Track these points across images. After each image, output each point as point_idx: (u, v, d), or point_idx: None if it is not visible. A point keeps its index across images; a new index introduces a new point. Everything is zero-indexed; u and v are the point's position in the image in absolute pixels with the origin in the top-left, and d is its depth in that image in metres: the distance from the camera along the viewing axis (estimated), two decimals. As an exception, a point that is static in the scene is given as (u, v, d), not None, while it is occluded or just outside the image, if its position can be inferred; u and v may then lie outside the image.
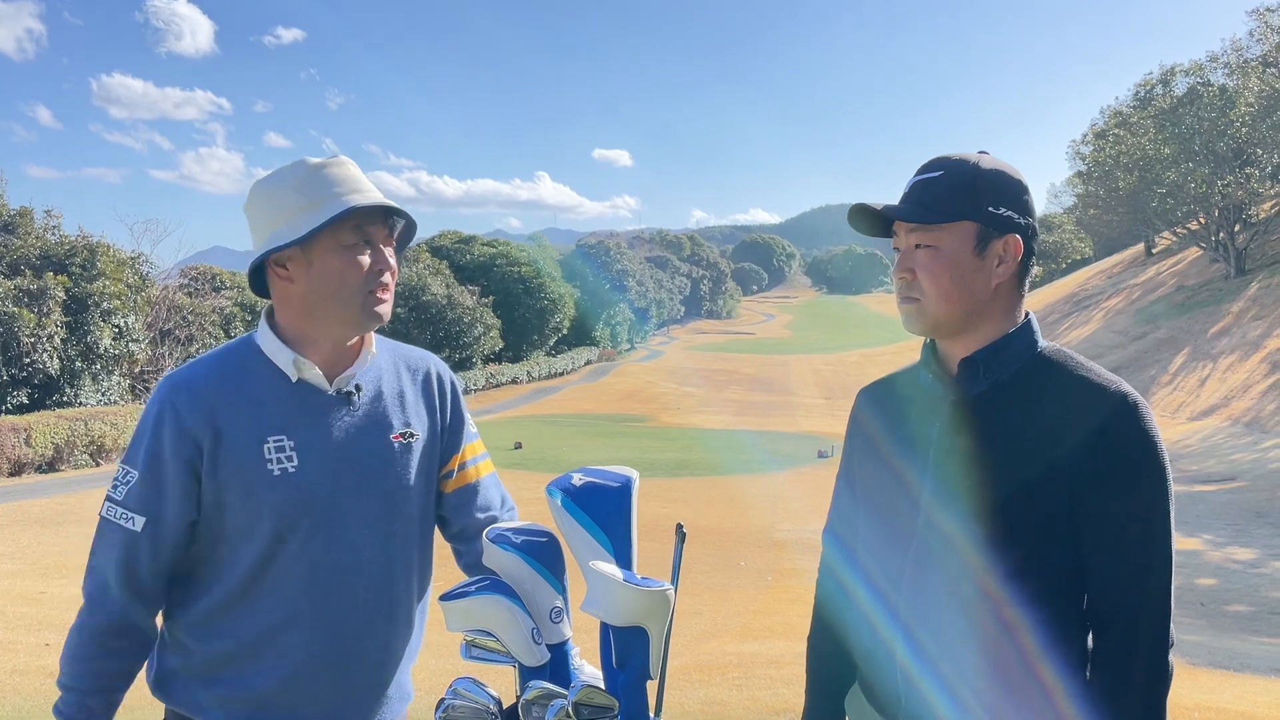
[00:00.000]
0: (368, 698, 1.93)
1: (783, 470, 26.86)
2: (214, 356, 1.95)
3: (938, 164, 1.72)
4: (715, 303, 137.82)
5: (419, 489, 1.99)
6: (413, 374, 2.05)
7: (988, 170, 1.69)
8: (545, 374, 65.19)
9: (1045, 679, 1.63)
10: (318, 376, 1.90)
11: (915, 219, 1.69)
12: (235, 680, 1.85)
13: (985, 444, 1.67)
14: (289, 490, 1.83)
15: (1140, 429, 1.59)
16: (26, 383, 28.21)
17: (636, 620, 1.55)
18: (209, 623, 1.87)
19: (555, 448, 30.00)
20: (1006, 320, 1.72)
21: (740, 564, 14.44)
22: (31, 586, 10.74)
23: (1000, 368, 1.70)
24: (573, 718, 1.49)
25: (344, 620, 1.87)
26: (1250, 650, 9.82)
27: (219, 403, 1.84)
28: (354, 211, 1.83)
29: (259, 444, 1.83)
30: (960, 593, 1.66)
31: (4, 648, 7.64)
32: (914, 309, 1.72)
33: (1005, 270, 1.69)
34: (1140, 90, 52.17)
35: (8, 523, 16.07)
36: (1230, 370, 35.49)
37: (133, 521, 1.82)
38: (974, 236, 1.67)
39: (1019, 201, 1.70)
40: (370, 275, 1.86)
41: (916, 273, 1.70)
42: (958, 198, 1.67)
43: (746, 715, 5.55)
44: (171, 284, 41.05)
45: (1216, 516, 19.56)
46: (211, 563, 1.87)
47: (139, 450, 1.85)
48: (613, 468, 1.74)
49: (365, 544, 1.89)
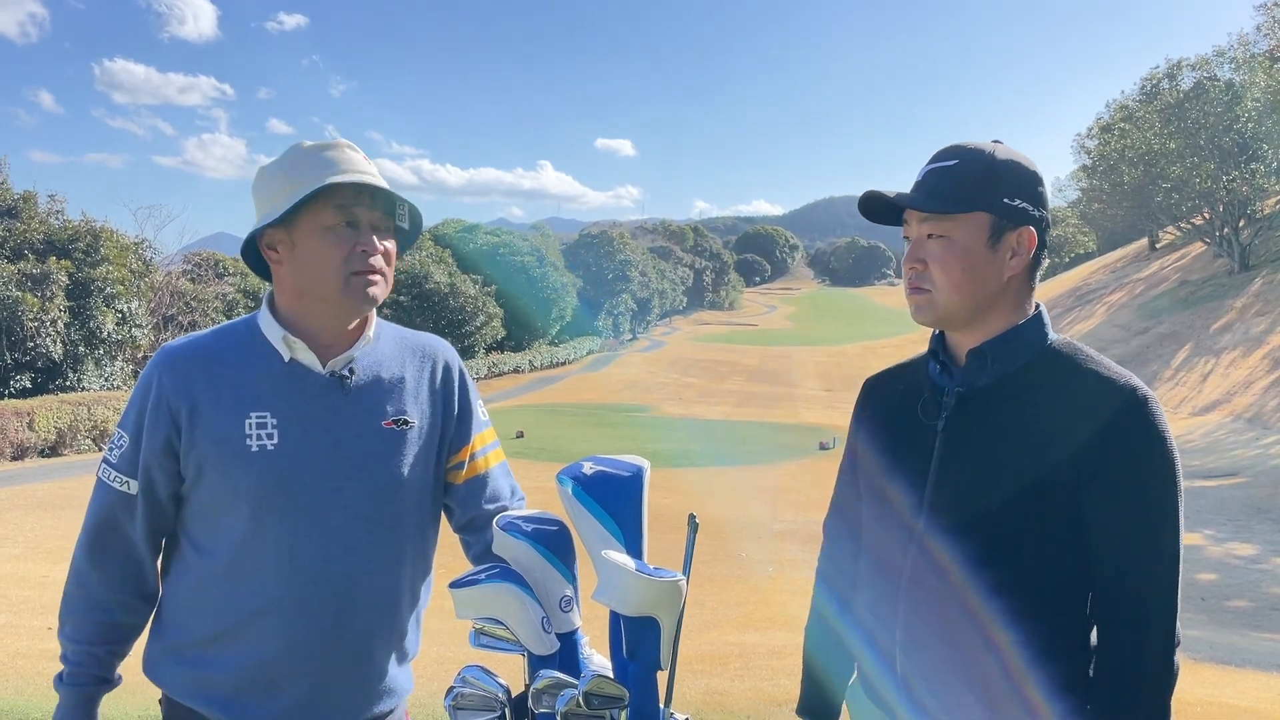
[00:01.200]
0: (350, 689, 1.89)
1: (784, 461, 26.87)
2: (214, 331, 1.96)
3: (952, 152, 1.70)
4: (718, 294, 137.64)
5: (413, 479, 1.94)
6: (419, 361, 2.02)
7: (1003, 160, 1.67)
8: (547, 363, 65.16)
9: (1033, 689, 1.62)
10: (310, 357, 1.89)
11: (929, 208, 1.67)
12: (215, 663, 1.84)
13: (992, 436, 1.66)
14: (266, 467, 1.81)
15: (1150, 423, 1.58)
16: (29, 367, 28.24)
17: (648, 610, 1.54)
18: (193, 602, 1.87)
19: (557, 437, 30.00)
20: (1017, 312, 1.71)
21: (741, 554, 14.46)
22: (34, 570, 10.76)
23: (1009, 359, 1.68)
24: (583, 707, 1.48)
25: (322, 608, 1.83)
26: (1251, 646, 9.83)
27: (204, 376, 1.85)
28: (332, 190, 1.81)
29: (240, 419, 1.82)
30: (960, 591, 1.64)
31: (7, 631, 7.66)
32: (924, 300, 1.70)
33: (1018, 263, 1.67)
34: (1146, 84, 51.93)
35: (10, 507, 16.10)
36: (1233, 366, 35.45)
37: (127, 485, 1.85)
38: (988, 228, 1.65)
39: (1034, 193, 1.68)
40: (353, 257, 1.83)
41: (928, 263, 1.68)
42: (973, 188, 1.65)
43: (748, 705, 5.56)
44: (175, 270, 41.08)
45: (1218, 512, 19.56)
46: (195, 539, 1.87)
47: (129, 418, 1.88)
48: (624, 457, 1.73)
49: (347, 531, 1.86)
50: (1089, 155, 59.18)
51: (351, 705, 1.90)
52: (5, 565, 11.11)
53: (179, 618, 1.88)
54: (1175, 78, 49.93)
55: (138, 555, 1.88)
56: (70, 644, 1.88)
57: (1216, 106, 43.86)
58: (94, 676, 1.87)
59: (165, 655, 1.89)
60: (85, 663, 1.86)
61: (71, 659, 1.87)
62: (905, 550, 1.73)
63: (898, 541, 1.75)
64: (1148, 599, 1.58)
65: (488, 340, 55.99)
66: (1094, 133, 58.44)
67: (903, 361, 1.94)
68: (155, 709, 1.95)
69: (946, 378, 1.75)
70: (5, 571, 10.63)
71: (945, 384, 1.74)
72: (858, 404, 1.96)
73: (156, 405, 1.83)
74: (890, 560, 1.76)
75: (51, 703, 5.54)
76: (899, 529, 1.75)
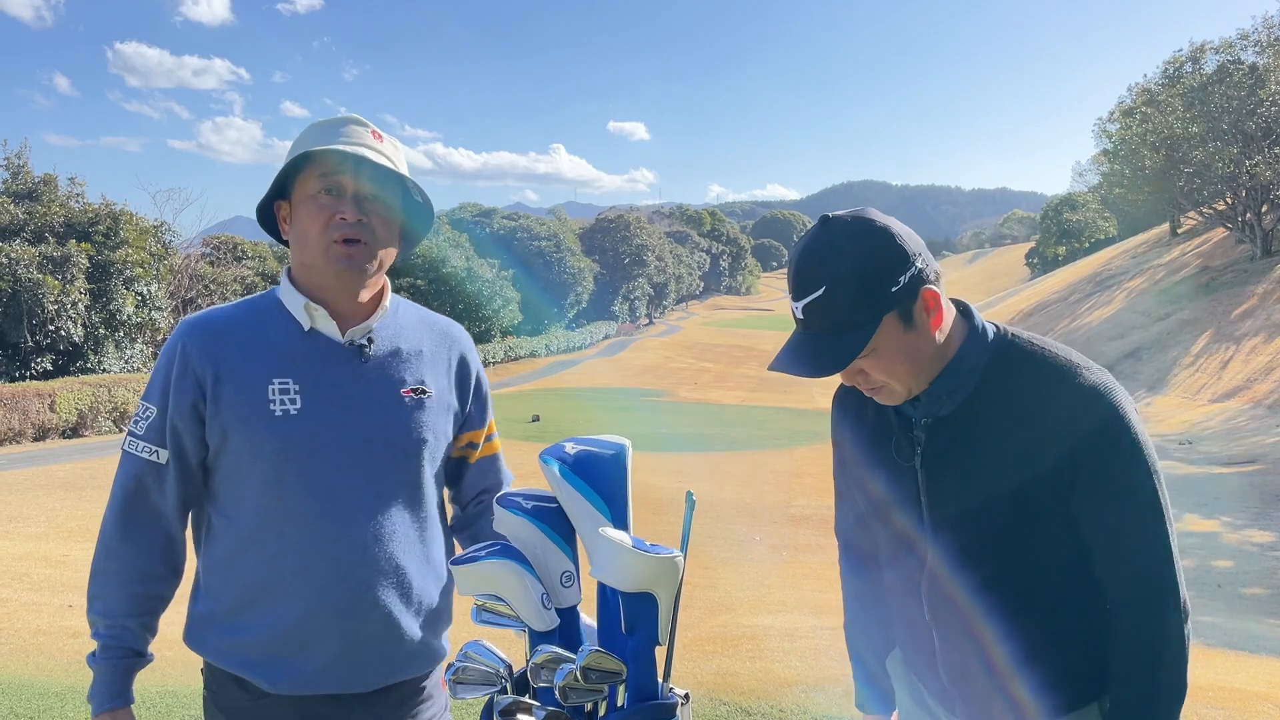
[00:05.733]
0: (384, 651, 1.93)
1: (799, 446, 26.82)
2: (236, 303, 2.01)
3: (810, 277, 1.60)
4: (734, 279, 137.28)
5: (432, 446, 2.00)
6: (437, 338, 2.07)
7: (863, 258, 1.58)
8: (564, 348, 65.24)
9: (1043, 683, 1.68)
10: (330, 326, 1.93)
11: (842, 364, 1.62)
12: (248, 627, 1.88)
13: (970, 462, 1.68)
14: (289, 431, 1.86)
15: (1114, 414, 1.60)
16: (51, 349, 28.49)
17: (645, 586, 1.56)
18: (224, 570, 1.91)
19: (573, 421, 30.04)
20: (955, 338, 1.70)
21: (755, 539, 14.47)
22: (55, 549, 10.89)
23: (964, 381, 1.68)
24: (581, 682, 1.50)
25: (347, 570, 1.87)
26: (1267, 633, 9.79)
27: (227, 344, 1.89)
28: (316, 159, 1.86)
29: (264, 385, 1.87)
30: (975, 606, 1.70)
31: (29, 609, 7.77)
32: (884, 395, 1.71)
33: (938, 318, 1.65)
34: (1169, 67, 51.29)
35: (32, 487, 16.28)
36: (1254, 353, 35.10)
37: (156, 454, 1.89)
38: (897, 321, 1.61)
39: (903, 258, 1.59)
40: (333, 225, 1.86)
41: (868, 373, 1.67)
42: (860, 307, 1.58)
43: (759, 687, 5.58)
44: (194, 253, 41.35)
45: (1236, 499, 19.42)
46: (221, 507, 1.92)
47: (154, 387, 1.91)
48: (605, 436, 1.75)
49: (368, 494, 1.90)
50: (1110, 139, 58.53)
51: (383, 667, 1.94)
52: (27, 544, 11.25)
53: (213, 586, 1.93)
54: (1198, 61, 49.30)
55: (166, 525, 1.92)
56: (102, 619, 1.90)
57: (1240, 90, 43.29)
58: (128, 650, 1.90)
59: (203, 623, 1.94)
60: (118, 636, 1.89)
61: (104, 634, 1.89)
62: (919, 577, 1.79)
63: (909, 569, 1.81)
64: (1148, 578, 1.61)
65: (504, 324, 56.09)
66: (1115, 117, 57.78)
67: None
68: (192, 682, 1.98)
69: (911, 406, 1.75)
70: (27, 550, 10.77)
71: (911, 413, 1.76)
72: (834, 413, 1.98)
73: (182, 373, 1.87)
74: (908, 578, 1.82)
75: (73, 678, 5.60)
76: (909, 560, 1.81)
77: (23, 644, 6.49)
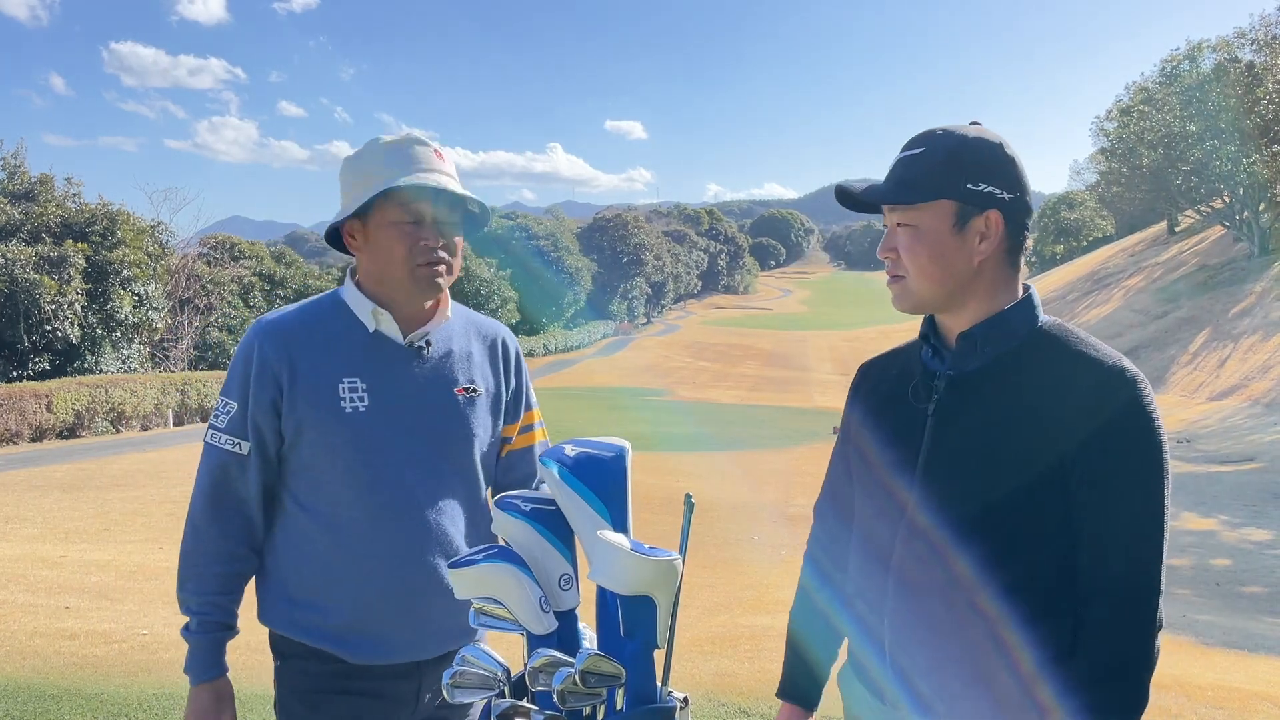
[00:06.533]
0: (446, 624, 2.07)
1: (798, 445, 26.85)
2: (301, 305, 2.17)
3: (921, 139, 1.70)
4: (732, 278, 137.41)
5: (480, 441, 2.17)
6: (483, 339, 2.25)
7: (972, 145, 1.66)
8: (562, 347, 65.31)
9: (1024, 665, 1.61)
10: (393, 329, 2.09)
11: (891, 199, 1.68)
12: (324, 607, 2.05)
13: (982, 420, 1.66)
14: (360, 427, 2.02)
15: (1138, 404, 1.58)
16: (48, 349, 28.47)
17: (644, 589, 1.54)
18: (299, 552, 2.07)
19: (572, 420, 30.03)
20: (1001, 295, 1.70)
21: (754, 538, 14.47)
22: (52, 551, 10.88)
23: (998, 342, 1.68)
24: (580, 686, 1.49)
25: (418, 553, 2.05)
26: (1265, 631, 9.79)
27: (300, 345, 2.05)
28: (391, 192, 2.00)
29: (335, 384, 2.03)
30: (948, 573, 1.64)
31: (25, 610, 7.75)
32: (899, 288, 1.73)
33: (988, 246, 1.65)
34: (1166, 66, 51.40)
35: (29, 487, 16.26)
36: (1251, 351, 35.17)
37: (239, 446, 2.05)
38: (953, 214, 1.64)
39: (1003, 176, 1.65)
40: (417, 251, 2.02)
41: (899, 251, 1.69)
42: (936, 176, 1.64)
43: (757, 687, 5.57)
44: (191, 253, 41.37)
45: (1234, 497, 19.45)
46: (296, 495, 2.08)
47: (233, 384, 2.07)
48: (604, 438, 1.75)
49: (430, 486, 2.07)
50: (1108, 138, 58.62)
51: (446, 637, 2.10)
52: (23, 545, 11.23)
53: (288, 565, 2.09)
54: (1196, 59, 49.39)
55: (249, 510, 2.08)
56: (194, 597, 2.05)
57: (1237, 88, 43.32)
58: (220, 624, 2.06)
59: (277, 598, 2.10)
60: (210, 611, 2.05)
61: (197, 610, 2.05)
62: (894, 532, 1.73)
63: (887, 524, 1.75)
64: (1130, 580, 1.57)
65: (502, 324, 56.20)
66: (1113, 115, 57.88)
67: (897, 346, 1.95)
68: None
69: (938, 362, 1.75)
70: (23, 552, 10.75)
71: (937, 368, 1.75)
72: (852, 387, 1.97)
73: (261, 371, 2.03)
74: (879, 542, 1.76)
75: (69, 680, 5.60)
76: (889, 511, 1.75)
77: (19, 646, 6.47)
